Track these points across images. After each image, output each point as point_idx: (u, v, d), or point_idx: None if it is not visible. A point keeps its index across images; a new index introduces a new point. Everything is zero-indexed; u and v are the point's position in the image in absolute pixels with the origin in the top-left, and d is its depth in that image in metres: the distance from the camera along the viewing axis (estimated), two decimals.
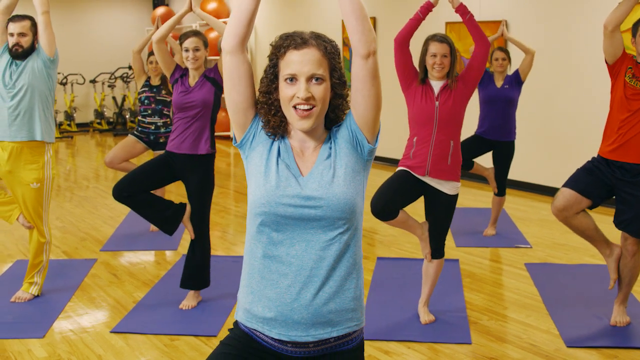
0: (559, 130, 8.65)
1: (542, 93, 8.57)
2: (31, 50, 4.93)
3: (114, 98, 16.21)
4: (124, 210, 8.01)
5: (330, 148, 2.18)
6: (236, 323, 2.27)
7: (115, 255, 6.40)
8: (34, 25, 4.93)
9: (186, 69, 5.05)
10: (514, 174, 7.88)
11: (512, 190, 8.55)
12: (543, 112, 8.70)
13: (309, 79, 2.10)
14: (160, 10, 16.42)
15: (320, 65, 2.12)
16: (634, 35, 4.49)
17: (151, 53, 7.09)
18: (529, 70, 6.48)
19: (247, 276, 2.19)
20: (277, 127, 2.19)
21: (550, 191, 8.67)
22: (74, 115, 15.83)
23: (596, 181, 4.56)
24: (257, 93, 2.22)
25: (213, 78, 4.97)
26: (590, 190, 4.55)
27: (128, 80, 16.33)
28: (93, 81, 16.12)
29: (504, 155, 6.69)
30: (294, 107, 2.09)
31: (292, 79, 2.10)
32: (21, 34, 4.87)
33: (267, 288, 2.12)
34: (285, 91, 2.12)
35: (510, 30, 9.01)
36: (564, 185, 4.64)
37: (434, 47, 4.53)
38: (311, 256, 2.09)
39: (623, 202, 4.52)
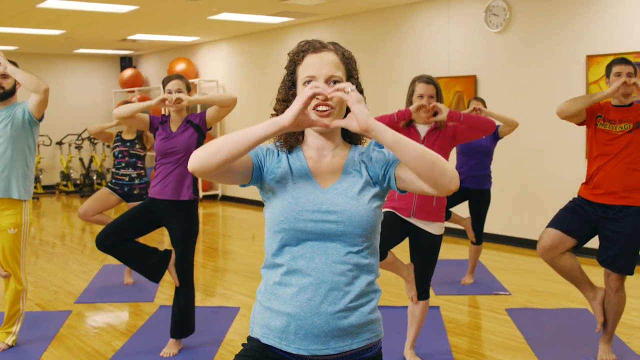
0: (532, 183, 8.75)
1: (515, 147, 8.68)
2: (12, 91, 4.88)
3: (80, 159, 16.10)
4: (96, 264, 7.87)
5: (359, 166, 2.16)
6: (250, 337, 2.21)
7: (90, 307, 6.26)
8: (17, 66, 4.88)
9: (164, 116, 5.01)
10: (488, 226, 7.93)
11: (486, 243, 8.58)
12: (516, 165, 8.81)
13: (327, 80, 2.11)
14: (128, 72, 16.48)
15: (338, 68, 2.13)
16: (607, 76, 4.61)
17: (124, 102, 7.08)
18: (509, 133, 6.45)
19: (265, 291, 2.15)
20: (290, 137, 2.18)
21: (523, 243, 8.74)
22: (40, 177, 15.67)
23: (580, 220, 4.61)
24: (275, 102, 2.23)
25: (197, 125, 4.90)
26: (575, 229, 4.59)
27: (95, 141, 16.25)
28: (60, 143, 16.01)
29: (480, 203, 6.72)
30: (313, 109, 2.09)
31: (311, 81, 2.11)
32: (3, 76, 4.83)
33: (286, 302, 2.07)
34: None
35: (480, 85, 9.19)
36: (549, 226, 4.67)
37: (421, 88, 4.54)
38: (331, 269, 2.05)
39: (606, 239, 4.56)
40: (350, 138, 2.25)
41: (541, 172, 8.60)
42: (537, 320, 5.68)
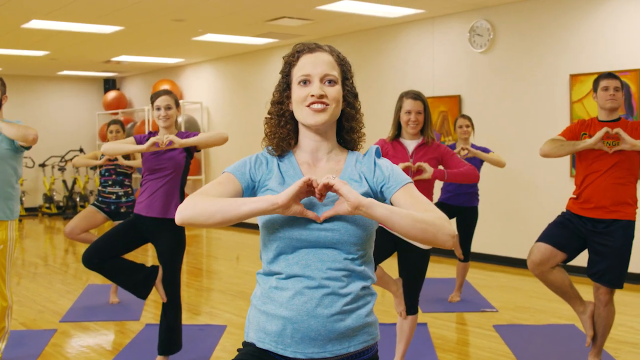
0: (517, 202, 8.79)
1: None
2: None
3: (64, 181, 16.00)
4: (80, 284, 7.81)
5: (358, 180, 2.16)
6: (246, 343, 2.19)
7: (75, 326, 6.19)
8: (3, 85, 4.86)
9: (150, 133, 4.98)
10: (474, 245, 7.94)
11: (472, 262, 8.56)
12: (500, 184, 8.84)
13: (322, 79, 2.12)
14: (112, 94, 16.46)
15: (333, 68, 2.15)
16: (595, 90, 4.66)
17: (111, 122, 7.06)
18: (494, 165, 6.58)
19: (260, 295, 2.13)
20: (283, 140, 2.18)
21: (509, 261, 8.76)
22: (23, 199, 15.55)
23: (569, 234, 4.63)
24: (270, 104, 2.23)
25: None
26: (565, 243, 4.61)
27: None
28: (42, 165, 15.94)
29: (468, 220, 6.75)
30: (307, 106, 2.10)
31: (306, 81, 2.12)
32: None
33: (282, 306, 2.06)
34: (299, 93, 2.13)
35: (464, 104, 9.24)
36: (539, 240, 4.69)
37: (408, 104, 4.56)
38: (326, 274, 2.04)
39: (596, 253, 4.59)
40: (346, 143, 2.26)
41: (526, 190, 8.64)
42: (524, 336, 5.68)
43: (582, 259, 4.98)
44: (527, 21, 8.54)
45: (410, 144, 4.61)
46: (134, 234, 4.92)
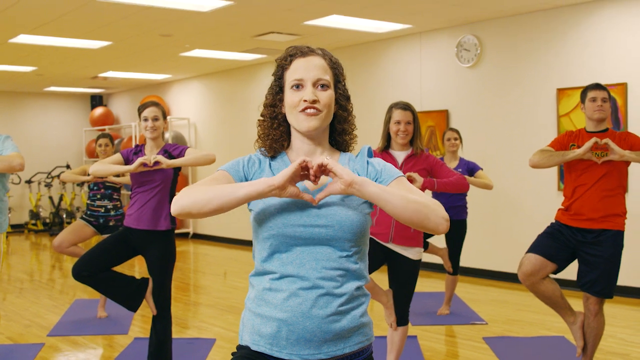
0: (505, 216, 8.81)
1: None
2: None
3: (50, 198, 15.91)
4: (68, 299, 7.75)
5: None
6: (240, 346, 2.18)
7: (63, 340, 6.14)
8: None
9: (137, 146, 4.95)
10: (462, 260, 7.94)
11: (461, 276, 8.58)
12: (489, 198, 8.86)
13: (315, 83, 2.13)
14: (99, 110, 16.42)
15: (326, 72, 2.16)
16: (582, 101, 4.69)
17: (100, 136, 7.04)
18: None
19: (254, 297, 2.12)
20: (276, 141, 2.19)
21: (497, 275, 8.77)
22: (9, 215, 15.42)
23: (559, 245, 4.64)
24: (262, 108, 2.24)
25: (172, 155, 4.82)
26: (555, 253, 4.63)
27: None
28: (29, 181, 15.86)
29: (457, 233, 6.76)
30: (300, 111, 2.11)
31: (299, 85, 2.13)
32: None
33: (277, 307, 2.04)
34: (292, 97, 2.13)
35: (452, 119, 9.28)
36: (529, 251, 4.70)
37: (398, 115, 4.57)
38: (321, 274, 2.04)
39: (586, 264, 4.61)
40: (338, 144, 2.26)
41: (514, 204, 8.66)
42: (514, 348, 5.68)
43: (570, 272, 5.00)
44: (514, 36, 8.60)
45: (400, 155, 4.62)
46: (124, 247, 4.90)
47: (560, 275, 4.99)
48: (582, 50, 7.92)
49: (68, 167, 16.07)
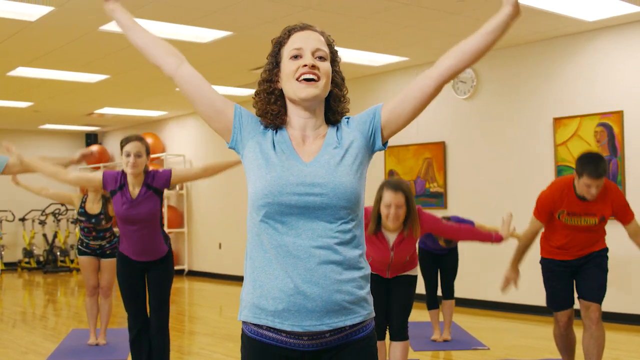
0: (501, 247, 8.78)
1: (482, 211, 8.76)
2: None
3: (44, 235, 15.82)
4: (65, 329, 7.67)
5: (339, 138, 2.17)
6: (244, 335, 2.16)
7: None
8: None
9: (121, 177, 4.79)
10: (460, 291, 7.91)
11: (460, 307, 8.52)
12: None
13: (314, 53, 2.14)
14: (94, 148, 16.43)
15: (324, 45, 2.18)
16: (578, 174, 4.65)
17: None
18: None
19: (252, 273, 2.11)
20: (275, 116, 2.18)
21: (495, 306, 8.72)
22: (2, 253, 15.35)
23: (566, 283, 4.93)
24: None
25: (155, 188, 4.77)
26: (568, 295, 4.92)
27: (59, 217, 16.03)
28: (22, 219, 15.79)
29: (450, 262, 6.85)
30: (298, 79, 2.11)
31: (297, 56, 2.14)
32: None
33: (277, 280, 2.04)
34: (290, 66, 2.13)
35: (448, 151, 9.32)
36: (555, 310, 4.95)
37: (388, 197, 4.39)
38: (318, 244, 2.03)
39: (584, 279, 4.88)
40: (331, 123, 2.25)
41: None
42: None
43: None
44: (510, 67, 8.69)
45: (392, 236, 4.53)
46: (137, 277, 4.92)
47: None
48: (577, 80, 8.01)
49: (63, 205, 16.00)
